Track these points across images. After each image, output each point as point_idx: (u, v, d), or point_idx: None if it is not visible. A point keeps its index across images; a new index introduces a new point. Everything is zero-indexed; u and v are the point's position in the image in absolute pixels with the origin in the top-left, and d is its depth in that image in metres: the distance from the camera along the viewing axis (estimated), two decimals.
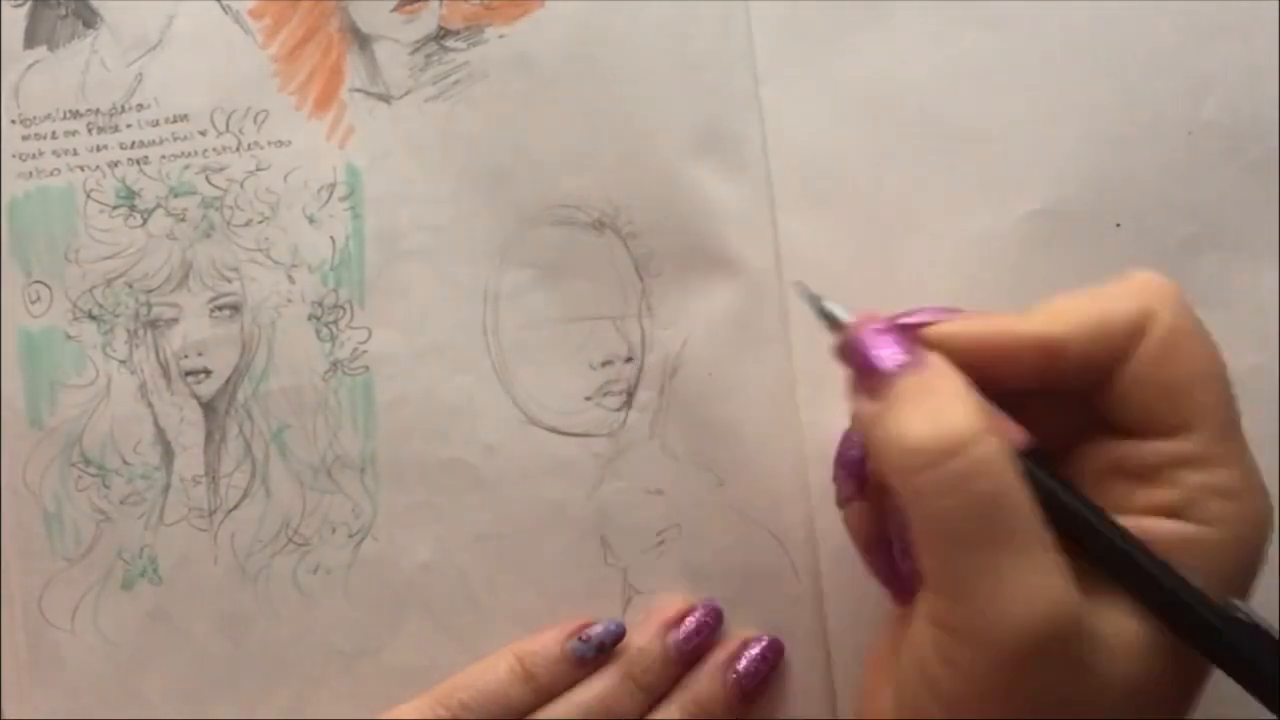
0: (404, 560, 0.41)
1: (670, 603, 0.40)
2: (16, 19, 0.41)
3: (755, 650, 0.39)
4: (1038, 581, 0.29)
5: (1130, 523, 0.32)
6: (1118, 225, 0.40)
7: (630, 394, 0.40)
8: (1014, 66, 0.41)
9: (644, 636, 0.39)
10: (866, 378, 0.32)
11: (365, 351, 0.41)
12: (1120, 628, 0.31)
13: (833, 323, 0.34)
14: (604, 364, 0.40)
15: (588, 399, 0.40)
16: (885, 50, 0.41)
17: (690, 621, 0.39)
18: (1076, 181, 0.40)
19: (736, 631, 0.40)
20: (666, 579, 0.40)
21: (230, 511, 0.41)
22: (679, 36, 0.41)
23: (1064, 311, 0.33)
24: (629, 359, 0.40)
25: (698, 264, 0.40)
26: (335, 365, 0.41)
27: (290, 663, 0.41)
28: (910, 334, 0.33)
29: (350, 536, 0.41)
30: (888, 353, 0.32)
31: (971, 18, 0.41)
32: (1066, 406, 0.33)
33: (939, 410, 0.31)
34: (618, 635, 0.39)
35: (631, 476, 0.40)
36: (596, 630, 0.39)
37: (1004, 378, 0.33)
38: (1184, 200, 0.40)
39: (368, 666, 0.41)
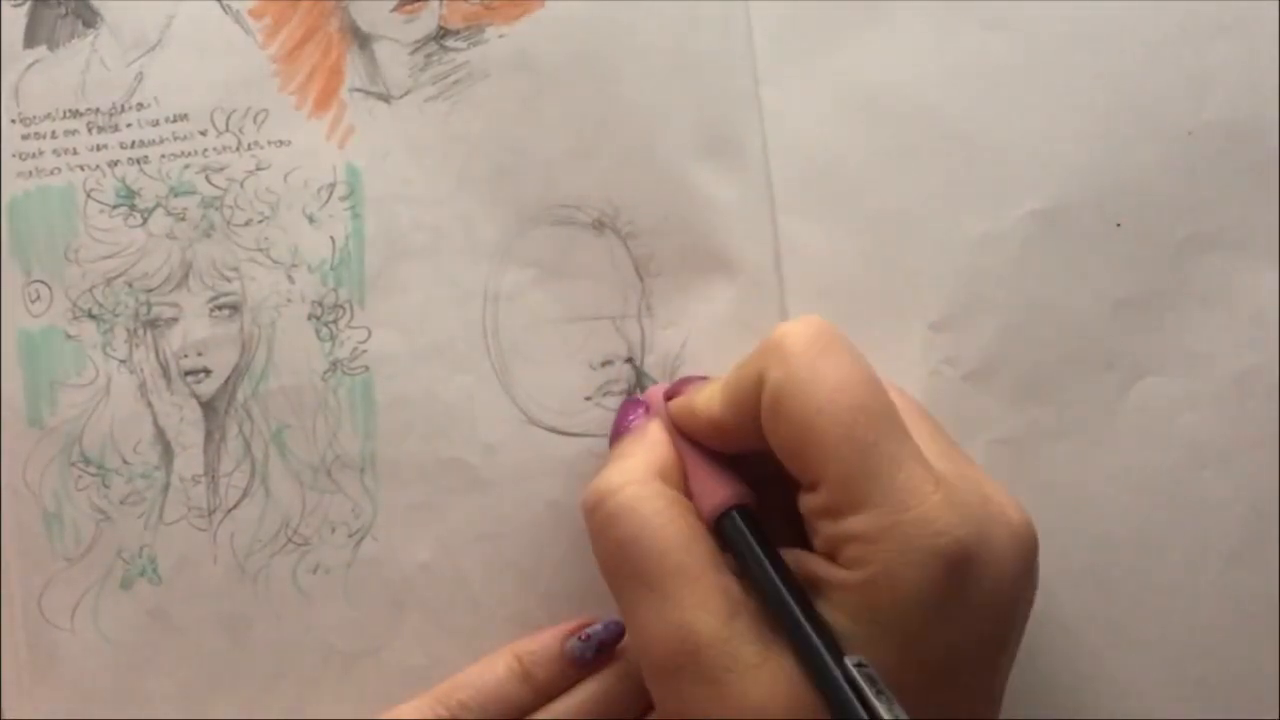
0: (404, 560, 0.41)
1: None
2: (16, 18, 0.41)
3: None
4: (665, 616, 0.33)
5: (798, 555, 0.34)
6: (1118, 225, 0.40)
7: (630, 394, 0.40)
8: (1014, 66, 0.41)
9: None
10: (612, 441, 0.39)
11: (365, 351, 0.41)
12: (766, 662, 0.32)
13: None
14: (604, 364, 0.40)
15: (588, 399, 0.40)
16: (885, 51, 0.41)
17: None
18: (1076, 181, 0.40)
19: None
20: None
21: (230, 511, 0.41)
22: (679, 36, 0.41)
23: (714, 386, 0.36)
24: (629, 359, 0.40)
25: (698, 264, 0.40)
26: (335, 365, 0.41)
27: (290, 662, 0.41)
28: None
29: (350, 536, 0.41)
30: (629, 419, 0.38)
31: (971, 18, 0.41)
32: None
33: (605, 469, 0.36)
34: (617, 635, 0.39)
35: None
36: (596, 630, 0.39)
37: (726, 444, 0.36)
38: (1184, 200, 0.40)
39: (367, 666, 0.41)
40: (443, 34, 0.41)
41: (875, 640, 0.31)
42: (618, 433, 0.38)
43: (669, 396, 0.38)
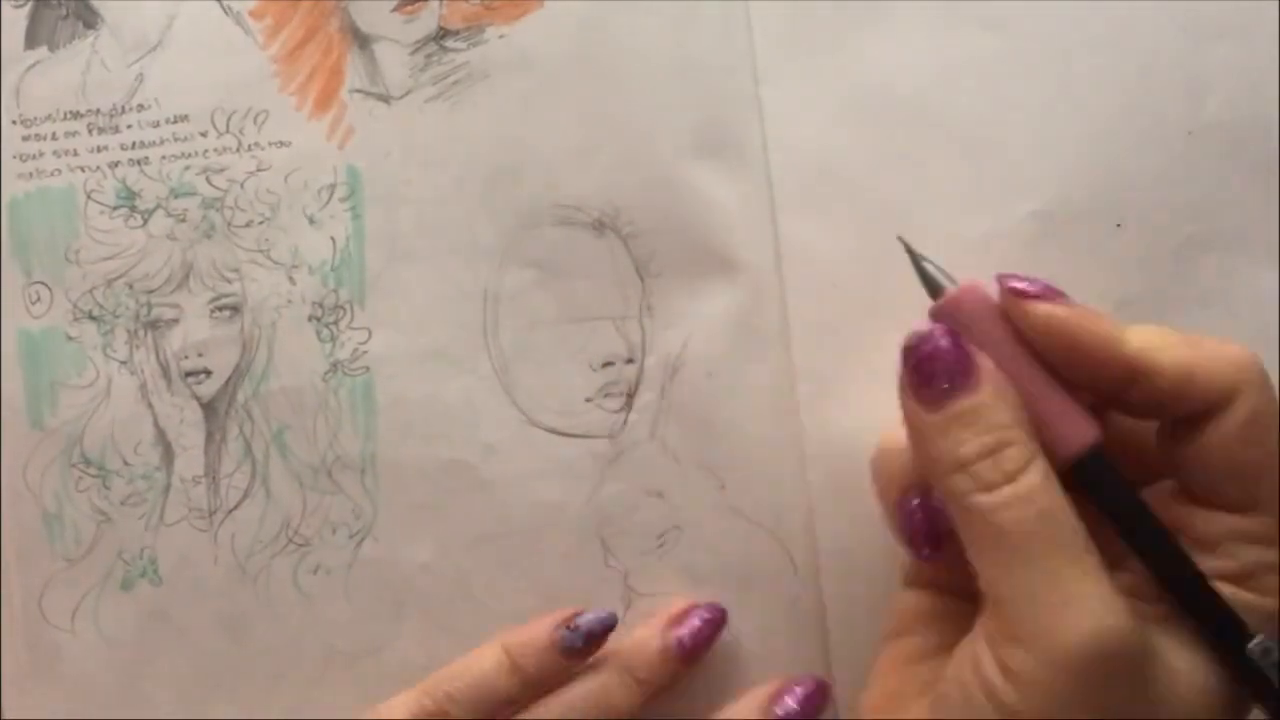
0: (404, 560, 0.41)
1: (673, 602, 0.40)
2: (17, 19, 0.41)
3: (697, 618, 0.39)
4: (1096, 594, 0.30)
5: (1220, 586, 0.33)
6: (1118, 225, 0.40)
7: (630, 395, 0.40)
8: (1014, 66, 0.41)
9: (644, 631, 0.39)
10: (922, 386, 0.33)
11: (365, 352, 0.41)
12: (1186, 662, 0.32)
13: (932, 287, 0.35)
14: (604, 365, 0.40)
15: (588, 400, 0.40)
16: (885, 50, 0.41)
17: (694, 619, 0.39)
18: (1076, 181, 0.40)
19: (738, 629, 0.40)
20: (666, 580, 0.40)
21: (230, 512, 0.41)
22: (679, 36, 0.41)
23: (1164, 345, 0.33)
24: (629, 360, 0.40)
25: (698, 264, 0.40)
26: (335, 366, 0.41)
27: (290, 663, 0.41)
28: (999, 313, 0.33)
29: (350, 537, 0.41)
30: (949, 366, 0.32)
31: (972, 18, 0.41)
32: (1144, 449, 0.34)
33: (993, 439, 0.32)
34: (608, 624, 0.38)
35: (632, 478, 0.40)
36: (586, 619, 0.38)
37: (1081, 376, 0.33)
38: (1184, 200, 0.40)
39: (368, 667, 0.41)
40: (443, 34, 0.41)
41: None
42: (926, 377, 0.33)
43: (1019, 293, 0.33)
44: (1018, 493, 0.31)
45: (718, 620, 0.40)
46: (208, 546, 0.41)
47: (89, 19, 0.41)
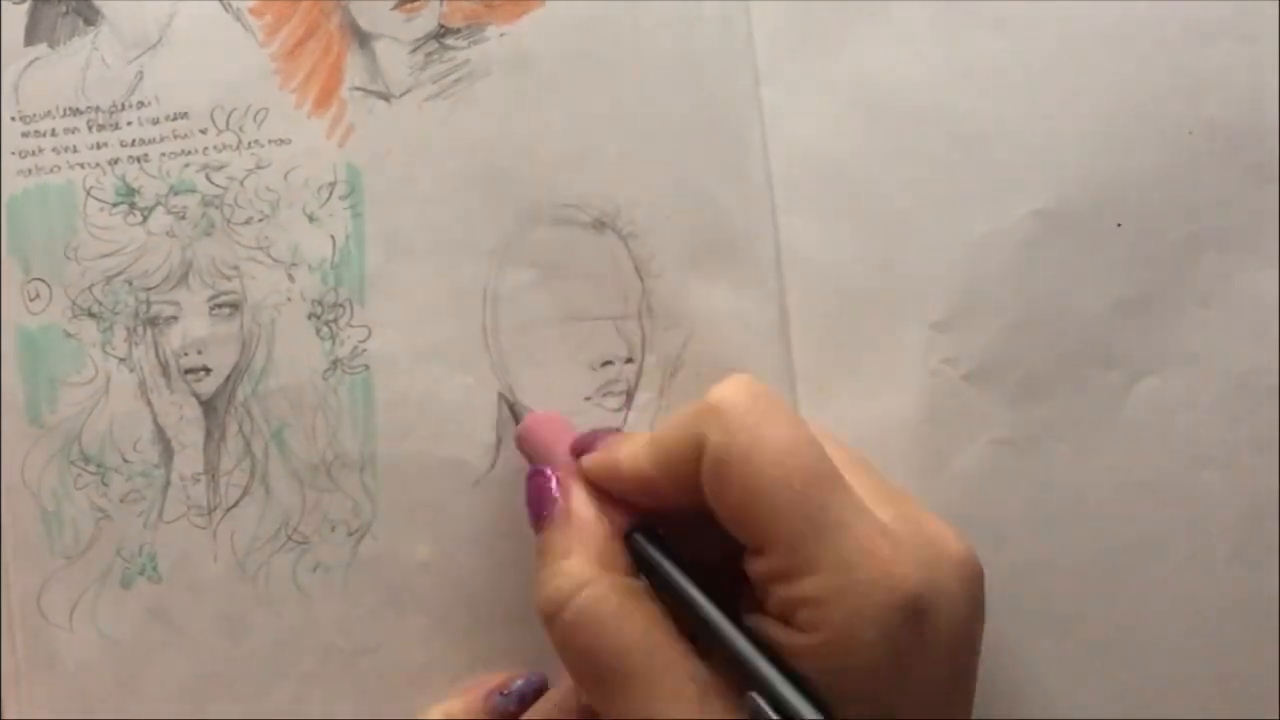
0: (403, 559, 0.41)
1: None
2: (17, 16, 0.41)
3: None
4: (641, 713, 0.32)
5: (758, 620, 0.33)
6: (1118, 225, 0.40)
7: (630, 395, 0.40)
8: (1014, 66, 0.41)
9: (564, 690, 0.39)
10: (530, 516, 0.37)
11: (365, 350, 0.41)
12: None
13: (515, 415, 0.40)
14: (604, 364, 0.40)
15: (588, 399, 0.40)
16: (886, 50, 0.41)
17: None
18: (1076, 181, 0.40)
19: None
20: None
21: (230, 510, 0.41)
22: (679, 36, 0.41)
23: (657, 443, 0.35)
24: (629, 360, 0.40)
25: (698, 264, 0.40)
26: (335, 364, 0.41)
27: (289, 661, 0.41)
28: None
29: (350, 535, 0.41)
30: (546, 509, 0.37)
31: (972, 17, 0.41)
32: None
33: (550, 571, 0.35)
34: (539, 688, 0.40)
35: None
36: (518, 685, 0.40)
37: (641, 509, 0.36)
38: (1184, 200, 0.40)
39: (367, 665, 0.41)
40: (443, 32, 0.41)
41: (840, 699, 0.31)
42: (536, 519, 0.37)
43: (576, 451, 0.37)
44: (562, 629, 0.34)
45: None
46: (207, 544, 0.41)
47: (89, 16, 0.41)
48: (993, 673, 0.40)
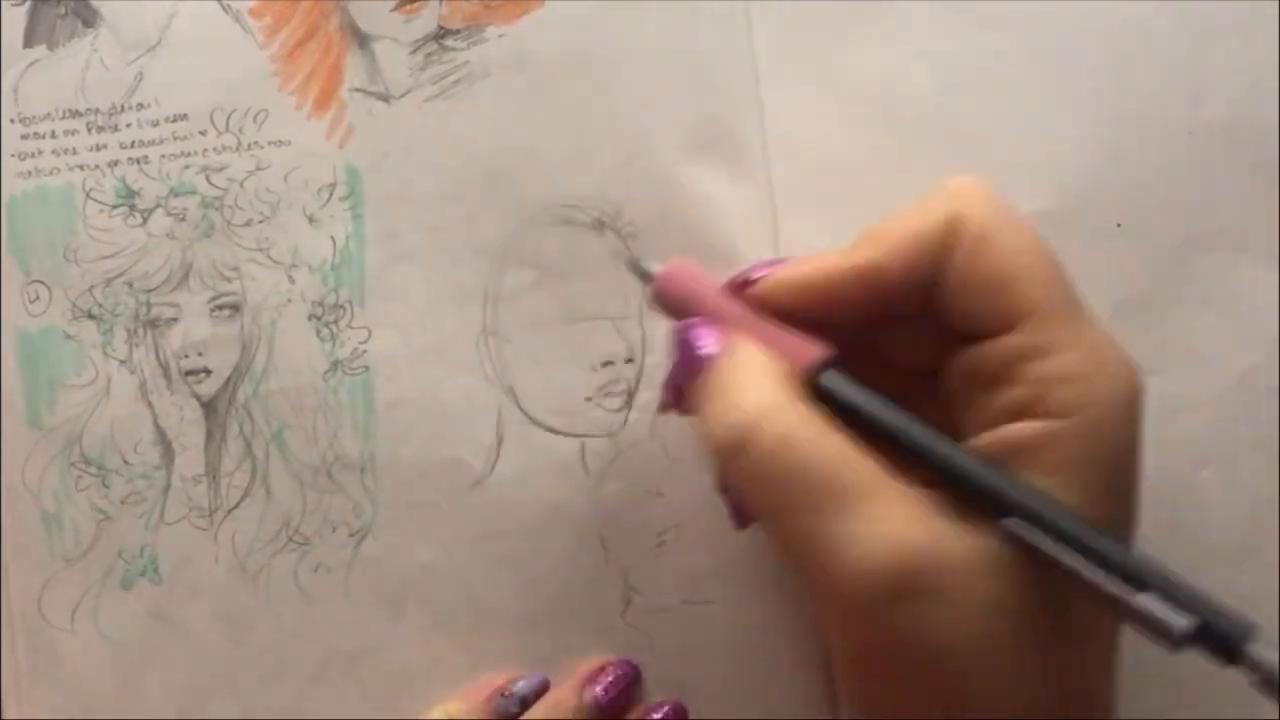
0: (404, 560, 0.41)
1: (590, 660, 0.40)
2: (16, 18, 0.41)
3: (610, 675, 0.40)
4: (865, 532, 0.29)
5: (989, 433, 0.31)
6: (1118, 225, 0.40)
7: (630, 395, 0.40)
8: (1014, 66, 0.41)
9: (563, 690, 0.40)
10: (684, 372, 0.34)
11: (365, 351, 0.41)
12: (974, 546, 0.30)
13: (642, 275, 0.36)
14: (604, 365, 0.40)
15: (588, 400, 0.40)
16: (886, 50, 0.41)
17: (608, 675, 0.40)
18: (1076, 181, 0.40)
19: (739, 628, 0.40)
20: (666, 579, 0.40)
21: (230, 511, 0.41)
22: (679, 36, 0.40)
23: (878, 235, 0.33)
24: (629, 360, 0.40)
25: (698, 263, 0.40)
26: (335, 365, 0.41)
27: (290, 662, 0.41)
28: (732, 298, 0.34)
29: (350, 536, 0.41)
30: (700, 344, 0.33)
31: (972, 18, 0.41)
32: (924, 328, 0.33)
33: (729, 403, 0.32)
34: (540, 689, 0.40)
35: (632, 477, 0.40)
36: (519, 686, 0.40)
37: (838, 314, 0.33)
38: (1184, 200, 0.40)
39: (368, 666, 0.41)
40: (442, 34, 0.41)
41: (1092, 492, 0.30)
42: (690, 364, 0.34)
43: (740, 285, 0.35)
44: (757, 458, 0.31)
45: (633, 675, 0.40)
46: (208, 545, 0.41)
47: (88, 17, 0.41)
48: None
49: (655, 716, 0.40)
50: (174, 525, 0.41)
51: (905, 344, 0.34)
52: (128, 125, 0.41)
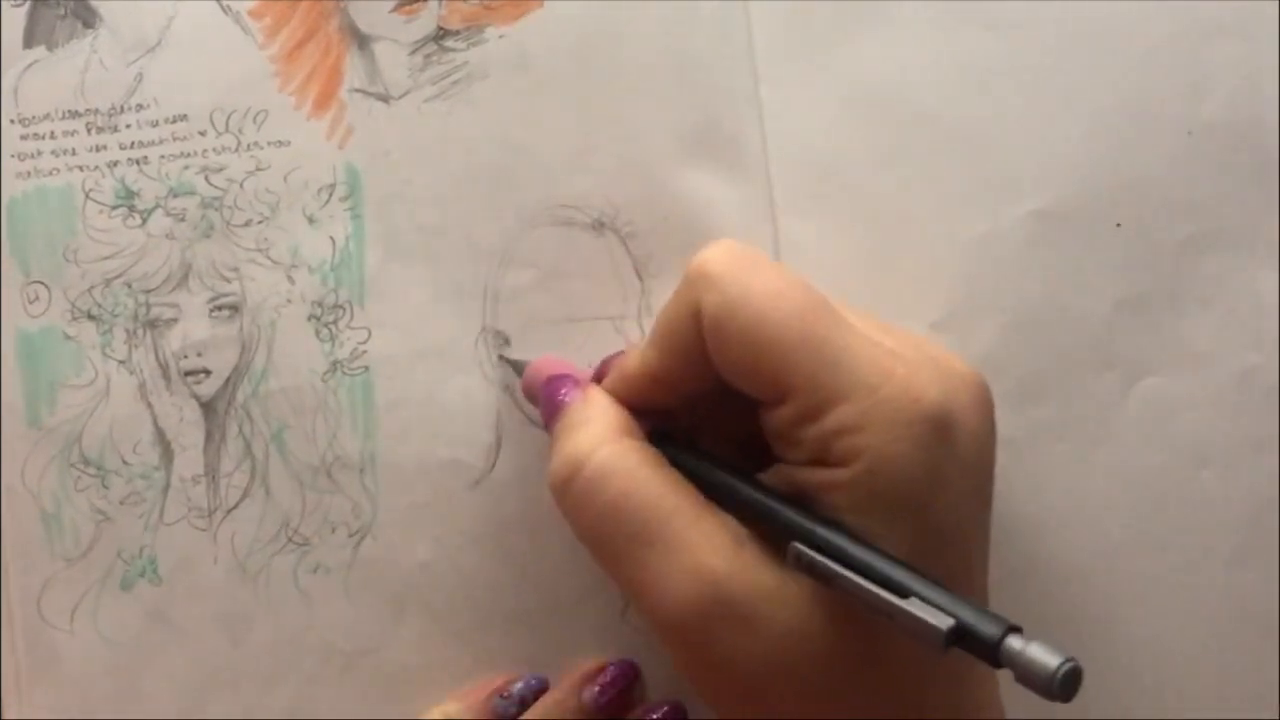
0: (404, 560, 0.41)
1: (589, 660, 0.41)
2: (16, 18, 0.41)
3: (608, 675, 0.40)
4: (673, 561, 0.32)
5: (784, 471, 0.33)
6: (1118, 225, 0.40)
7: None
8: (1014, 66, 0.41)
9: (562, 691, 0.40)
10: (547, 417, 0.37)
11: (365, 352, 0.41)
12: (777, 576, 0.32)
13: (515, 367, 0.40)
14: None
15: None
16: (885, 50, 0.41)
17: (607, 675, 0.40)
18: (1076, 181, 0.40)
19: None
20: None
21: (230, 511, 0.41)
22: (679, 36, 0.40)
23: (656, 335, 0.35)
24: None
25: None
26: (335, 365, 0.41)
27: (290, 662, 0.41)
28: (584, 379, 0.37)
29: (350, 536, 0.41)
30: (561, 393, 0.37)
31: (971, 18, 0.41)
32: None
33: (564, 441, 0.34)
34: (539, 690, 0.40)
35: None
36: (517, 687, 0.40)
37: (661, 404, 0.35)
38: (1184, 200, 0.40)
39: (367, 666, 0.41)
40: (442, 34, 0.41)
41: (887, 525, 0.31)
42: (552, 410, 0.37)
43: (597, 379, 0.37)
44: (579, 490, 0.33)
45: (631, 675, 0.40)
46: (207, 546, 0.41)
47: (88, 18, 0.41)
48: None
49: (654, 717, 0.40)
50: (173, 526, 0.41)
51: (733, 407, 0.35)
52: (127, 126, 0.41)
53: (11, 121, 0.41)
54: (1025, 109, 0.40)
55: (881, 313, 0.40)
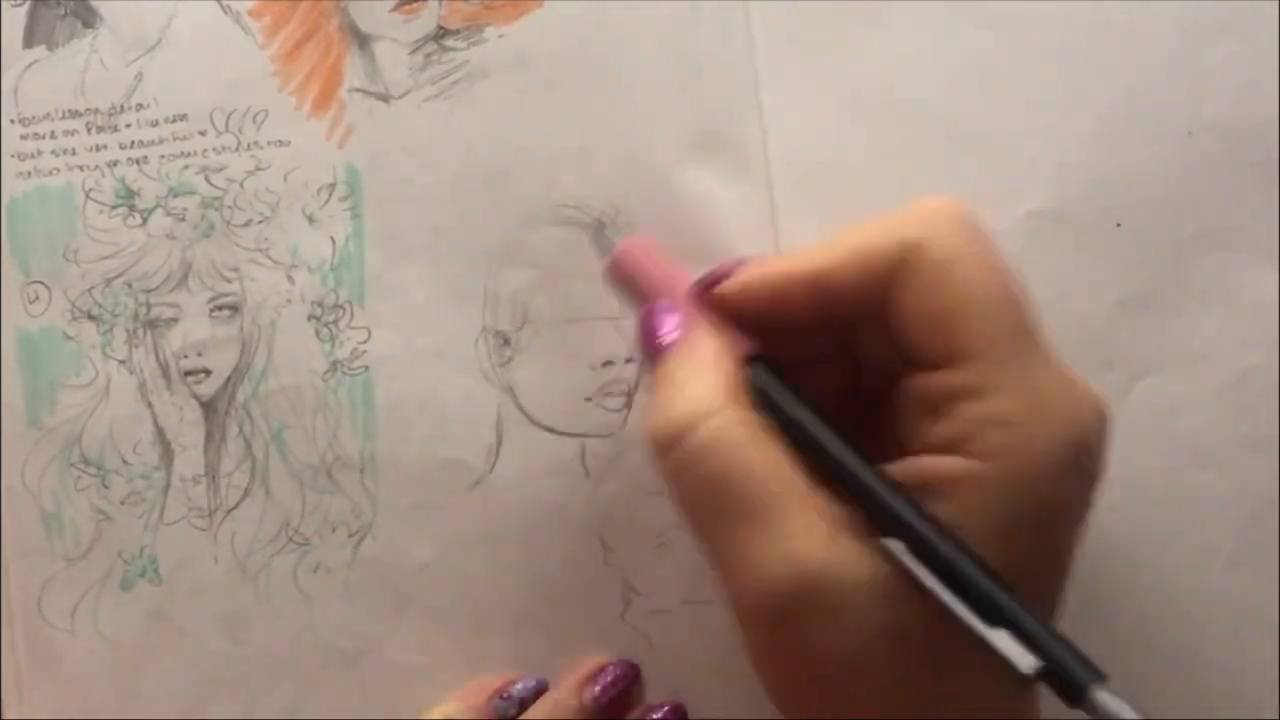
0: (404, 560, 0.41)
1: (589, 660, 0.40)
2: (16, 18, 0.41)
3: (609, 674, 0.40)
4: (769, 546, 0.30)
5: (910, 461, 0.31)
6: (1118, 225, 0.40)
7: (630, 395, 0.40)
8: (1014, 66, 0.41)
9: (562, 691, 0.40)
10: (645, 355, 0.34)
11: (365, 351, 0.41)
12: (873, 569, 0.30)
13: (600, 247, 0.38)
14: (604, 364, 0.40)
15: (588, 399, 0.40)
16: (885, 51, 0.41)
17: (607, 675, 0.40)
18: (1076, 181, 0.40)
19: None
20: (666, 580, 0.40)
21: (230, 511, 0.41)
22: (679, 37, 0.40)
23: (833, 244, 0.33)
24: (629, 360, 0.40)
25: (698, 264, 0.40)
26: (335, 365, 0.41)
27: (290, 662, 0.41)
28: (695, 297, 0.35)
29: (350, 536, 0.41)
30: (663, 331, 0.34)
31: (971, 18, 0.41)
32: (877, 343, 0.33)
33: (671, 397, 0.32)
34: (538, 690, 0.40)
35: (632, 477, 0.40)
36: (517, 687, 0.40)
37: (785, 318, 0.33)
38: (1184, 200, 0.40)
39: (368, 666, 0.41)
40: (442, 34, 0.41)
41: (1006, 537, 0.30)
42: (652, 350, 0.34)
43: (709, 283, 0.35)
44: (683, 458, 0.31)
45: (631, 675, 0.40)
46: (207, 546, 0.41)
47: (88, 18, 0.41)
48: None
49: (654, 717, 0.40)
50: (173, 525, 0.41)
51: (858, 356, 0.34)
52: (127, 125, 0.41)
53: (12, 121, 0.41)
54: (1025, 109, 0.40)
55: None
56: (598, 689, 0.40)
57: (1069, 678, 0.28)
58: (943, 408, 0.31)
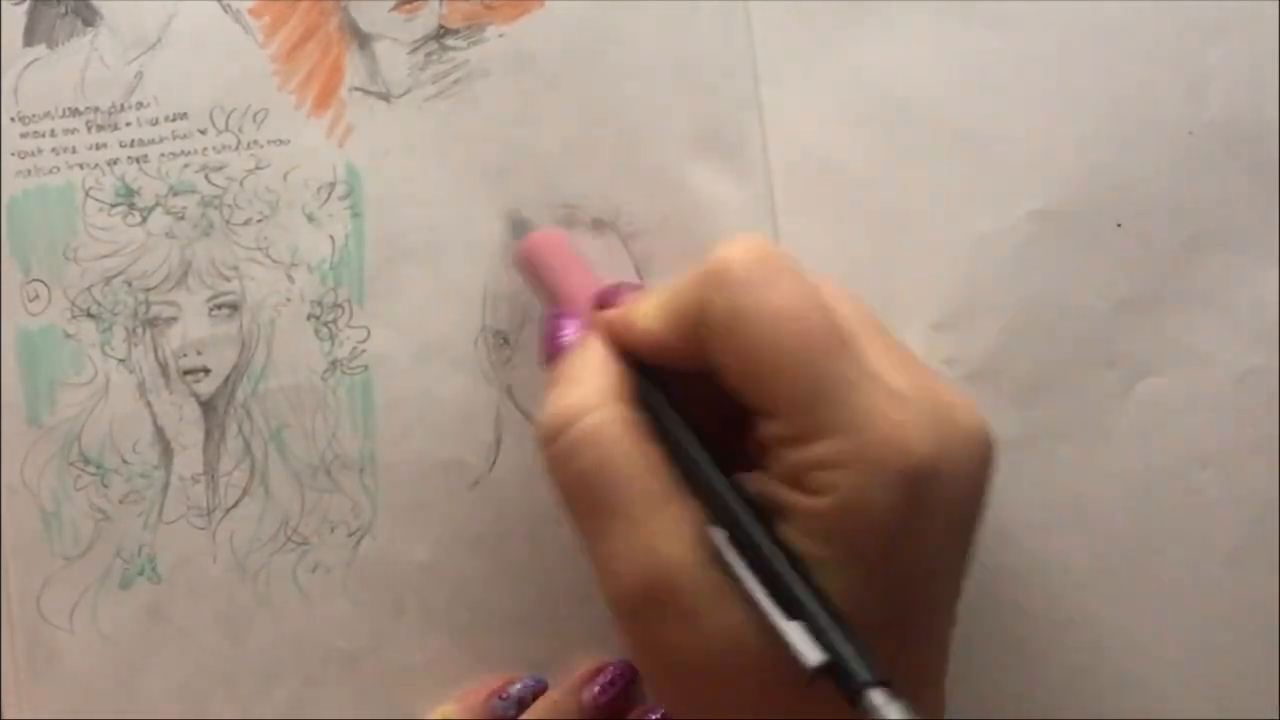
0: (403, 559, 0.41)
1: (588, 661, 0.40)
2: (16, 17, 0.41)
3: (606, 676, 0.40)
4: (634, 543, 0.31)
5: (766, 480, 0.32)
6: (1118, 225, 0.40)
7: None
8: (1014, 66, 0.41)
9: (561, 691, 0.40)
10: (546, 354, 0.37)
11: (364, 351, 0.41)
12: (730, 582, 0.31)
13: (516, 228, 0.40)
14: None
15: None
16: (886, 50, 0.41)
17: (606, 675, 0.40)
18: (1076, 181, 0.40)
19: None
20: None
21: (229, 510, 0.41)
22: (679, 36, 0.41)
23: (663, 307, 0.34)
24: None
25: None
26: (334, 364, 0.41)
27: (289, 662, 0.41)
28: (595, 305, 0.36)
29: (349, 535, 0.41)
30: (563, 334, 0.36)
31: (972, 18, 0.41)
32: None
33: (561, 393, 0.34)
34: (538, 690, 0.40)
35: None
36: (516, 688, 0.40)
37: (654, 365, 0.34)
38: (1184, 200, 0.40)
39: (367, 665, 0.41)
40: (442, 33, 0.41)
41: (844, 563, 0.30)
42: (553, 350, 0.36)
43: (599, 305, 0.36)
44: (562, 449, 0.33)
45: (630, 675, 0.40)
46: (207, 545, 0.41)
47: (88, 16, 0.41)
48: (994, 672, 0.40)
49: (654, 717, 0.40)
50: (172, 524, 0.41)
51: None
52: (127, 124, 0.41)
53: (12, 120, 0.41)
54: (1025, 109, 0.40)
55: (881, 313, 0.40)
56: (597, 689, 0.40)
57: (851, 677, 0.28)
58: (772, 451, 0.32)
